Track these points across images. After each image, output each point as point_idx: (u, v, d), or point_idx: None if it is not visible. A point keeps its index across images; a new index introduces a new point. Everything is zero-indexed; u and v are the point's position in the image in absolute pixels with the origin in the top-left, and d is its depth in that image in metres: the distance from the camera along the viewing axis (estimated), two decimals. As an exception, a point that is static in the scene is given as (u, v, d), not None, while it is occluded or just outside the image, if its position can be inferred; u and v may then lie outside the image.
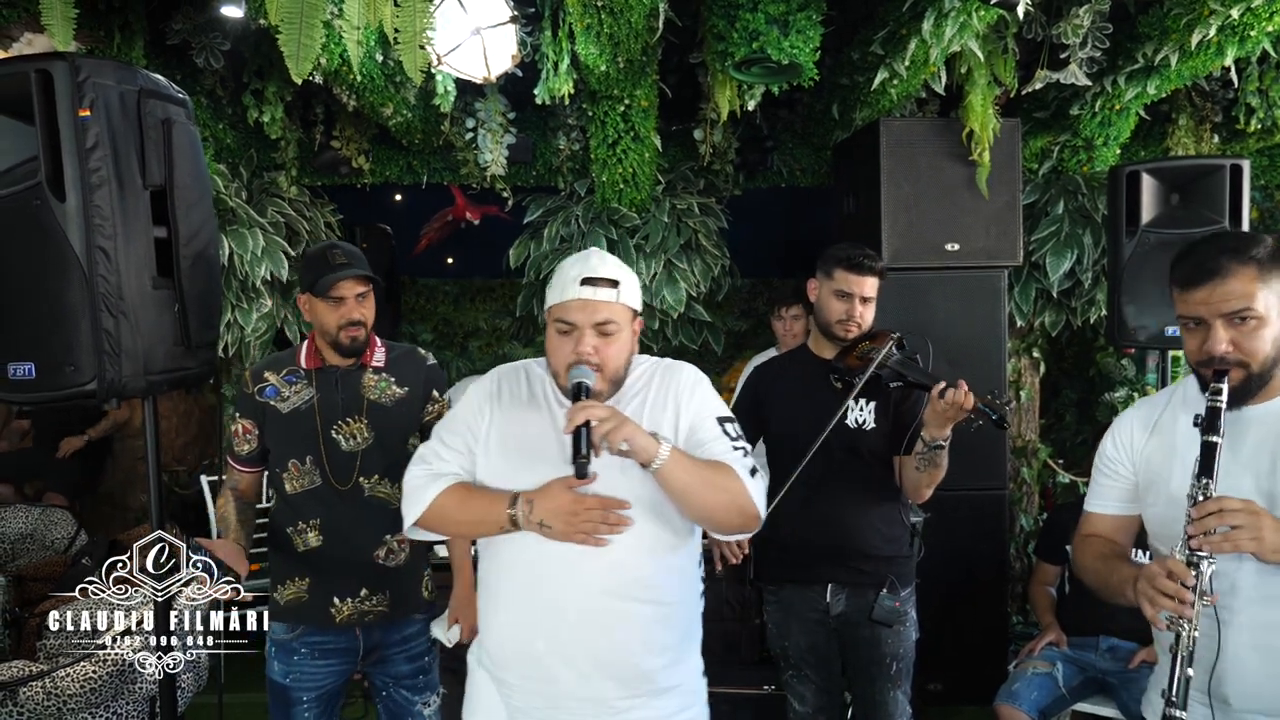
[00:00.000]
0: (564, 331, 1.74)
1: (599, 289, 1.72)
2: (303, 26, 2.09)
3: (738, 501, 1.72)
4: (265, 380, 2.38)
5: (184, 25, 3.58)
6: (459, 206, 5.30)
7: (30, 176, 2.01)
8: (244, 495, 2.42)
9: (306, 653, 2.33)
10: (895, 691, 2.60)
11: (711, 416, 1.81)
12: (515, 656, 1.78)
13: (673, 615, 1.80)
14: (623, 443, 1.60)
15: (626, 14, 2.83)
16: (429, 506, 1.76)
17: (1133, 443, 1.82)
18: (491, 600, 1.82)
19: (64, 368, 2.04)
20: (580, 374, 1.69)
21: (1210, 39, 3.13)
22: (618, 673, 1.73)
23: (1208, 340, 1.61)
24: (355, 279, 2.30)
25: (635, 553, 1.73)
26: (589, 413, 1.59)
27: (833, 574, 2.60)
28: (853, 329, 2.59)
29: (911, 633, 2.63)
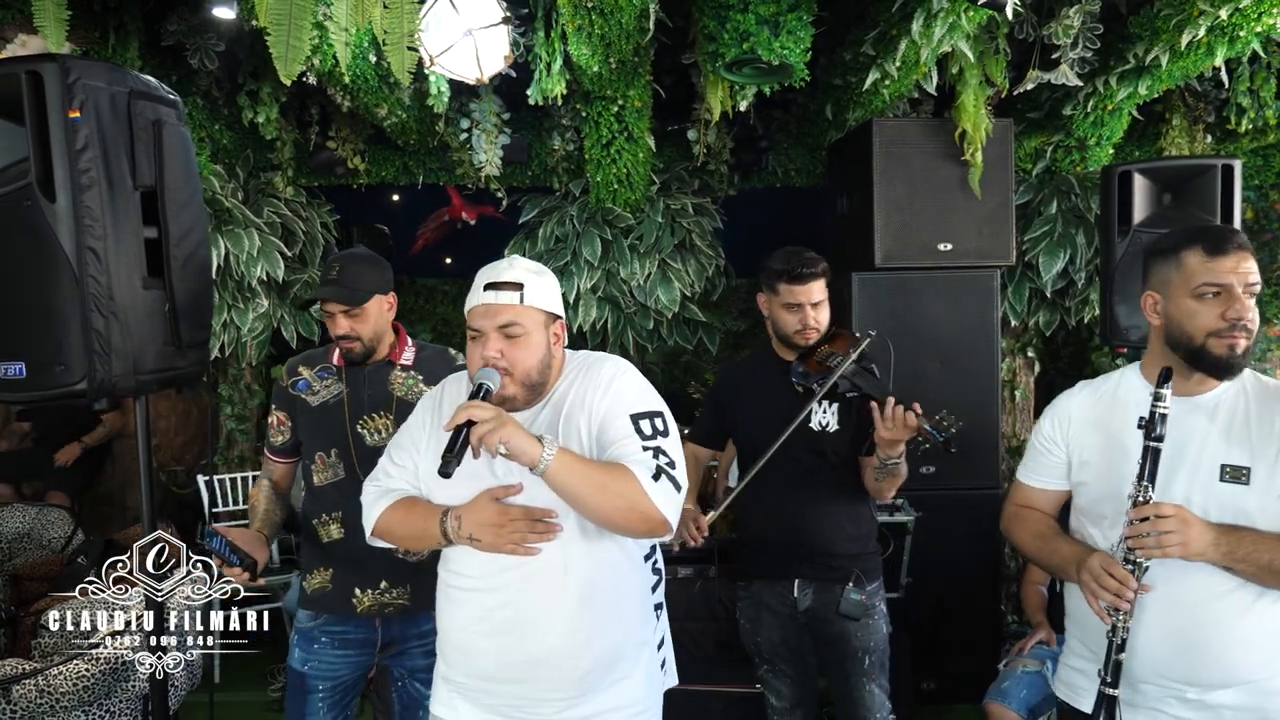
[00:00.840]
0: (473, 337, 1.76)
1: (501, 292, 1.73)
2: (291, 28, 2.12)
3: (636, 506, 1.65)
4: (299, 374, 2.43)
5: (179, 26, 3.59)
6: (455, 207, 5.32)
7: (21, 177, 2.02)
8: (278, 485, 2.48)
9: (327, 641, 2.37)
10: (870, 685, 2.62)
11: (623, 414, 1.75)
12: (462, 660, 1.83)
13: (613, 616, 1.80)
14: (500, 445, 1.58)
15: (617, 15, 2.84)
16: (376, 521, 1.85)
17: (1070, 425, 1.95)
18: (443, 608, 1.88)
19: (54, 367, 2.05)
20: (484, 375, 1.70)
21: (1200, 39, 3.14)
22: (561, 676, 1.76)
23: (1230, 308, 1.71)
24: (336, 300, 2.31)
25: (570, 564, 1.75)
26: (470, 413, 1.58)
27: (800, 570, 2.63)
28: (810, 335, 2.60)
29: (882, 625, 2.65)
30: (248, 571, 2.14)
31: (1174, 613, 1.75)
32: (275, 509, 2.43)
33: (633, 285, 4.51)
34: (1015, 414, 4.63)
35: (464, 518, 1.73)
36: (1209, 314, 1.73)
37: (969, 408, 3.92)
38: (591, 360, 1.87)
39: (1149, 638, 1.75)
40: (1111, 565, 1.72)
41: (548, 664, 1.75)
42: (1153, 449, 1.71)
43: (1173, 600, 1.75)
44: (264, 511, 2.40)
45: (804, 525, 2.61)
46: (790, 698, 2.76)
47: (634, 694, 1.84)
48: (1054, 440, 1.97)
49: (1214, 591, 1.73)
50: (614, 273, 4.49)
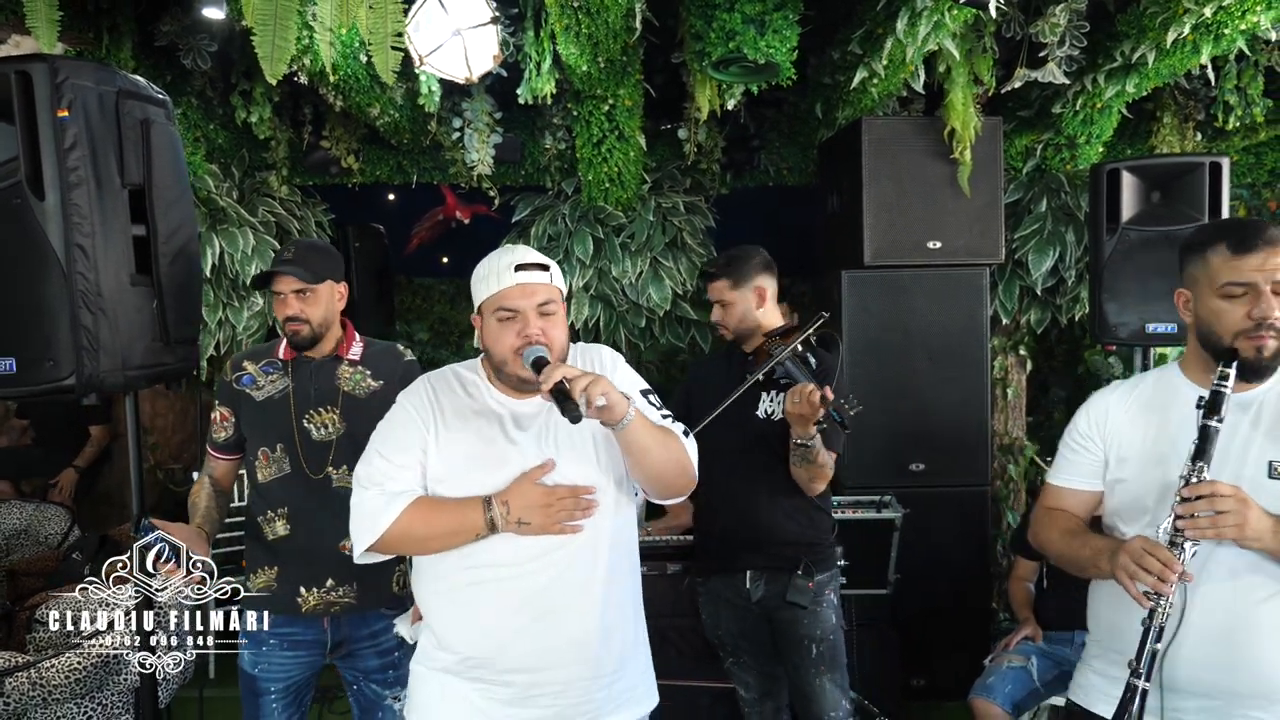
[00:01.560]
0: (506, 319, 1.75)
1: (534, 272, 1.76)
2: (277, 28, 2.14)
3: (683, 463, 1.81)
4: (244, 369, 2.44)
5: (172, 27, 3.62)
6: (449, 205, 5.36)
7: (10, 175, 2.04)
8: (219, 483, 2.47)
9: (276, 643, 2.36)
10: (821, 679, 2.64)
11: (636, 390, 1.85)
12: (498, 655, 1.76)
13: (631, 588, 1.89)
14: (600, 396, 1.61)
15: (603, 14, 2.86)
16: (391, 525, 1.73)
17: (1108, 421, 1.88)
18: (464, 605, 1.78)
19: (43, 363, 2.07)
20: (535, 350, 1.71)
21: (1185, 37, 3.16)
22: (601, 654, 1.79)
23: (1257, 306, 1.66)
24: (289, 276, 2.32)
25: (617, 526, 1.82)
26: (564, 370, 1.62)
27: (751, 561, 2.69)
28: (722, 332, 2.79)
29: (831, 616, 2.67)
30: (183, 568, 2.12)
31: (1215, 616, 1.68)
32: (216, 506, 2.41)
33: (625, 283, 4.54)
34: (1006, 412, 4.65)
35: (511, 502, 1.71)
36: (1236, 313, 1.69)
37: (959, 406, 3.96)
38: (588, 348, 1.93)
39: (1189, 643, 1.68)
40: (1155, 547, 1.62)
41: (588, 646, 1.77)
42: (1209, 428, 1.65)
43: (1214, 603, 1.68)
44: (205, 509, 2.38)
45: (751, 515, 2.66)
46: (758, 688, 2.81)
47: (646, 663, 1.92)
48: (1089, 437, 1.91)
49: (1256, 596, 1.68)
50: (606, 271, 4.51)
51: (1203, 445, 1.65)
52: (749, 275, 2.71)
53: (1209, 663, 1.69)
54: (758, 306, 2.71)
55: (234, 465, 2.49)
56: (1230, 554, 1.68)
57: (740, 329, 2.73)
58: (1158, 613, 1.62)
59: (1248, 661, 1.67)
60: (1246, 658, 1.67)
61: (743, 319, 2.72)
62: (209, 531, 2.30)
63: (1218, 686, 1.70)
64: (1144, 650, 1.62)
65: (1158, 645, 1.63)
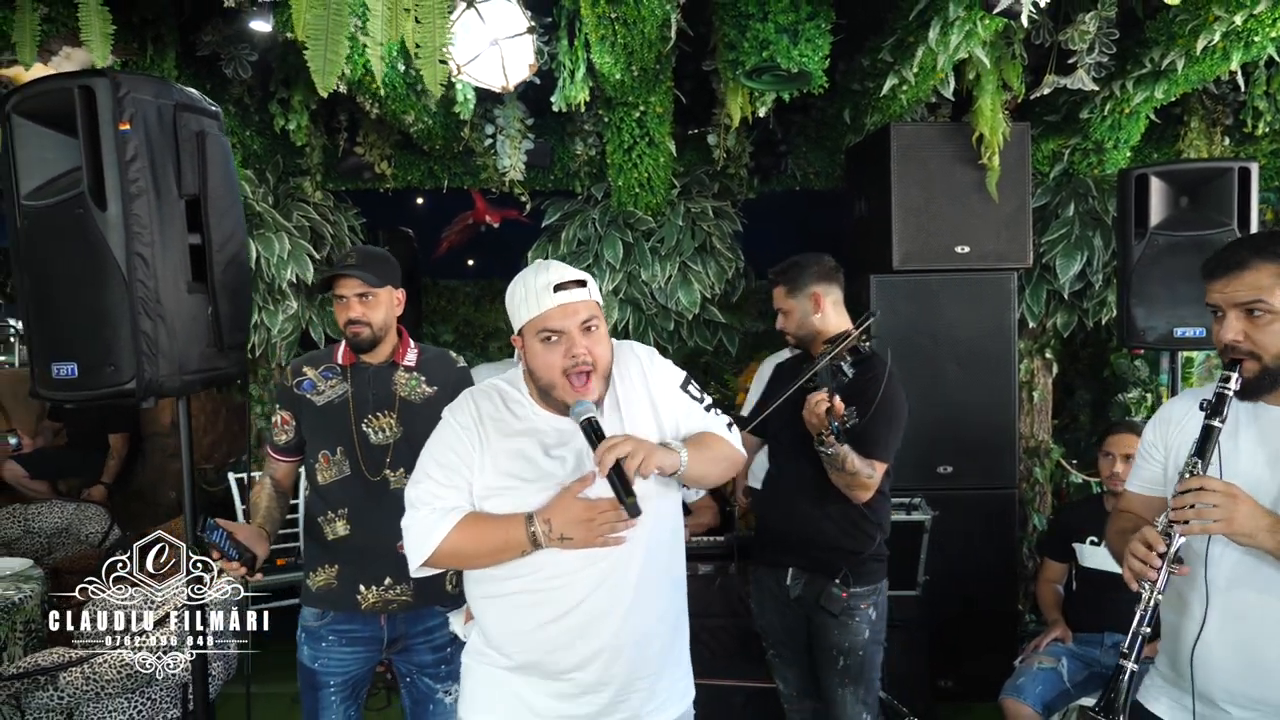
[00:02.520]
0: (549, 340, 1.75)
1: (574, 291, 1.75)
2: (328, 43, 2.20)
3: (734, 457, 1.95)
4: (304, 374, 2.49)
5: (213, 37, 3.70)
6: (479, 210, 5.42)
7: (73, 187, 2.12)
8: (279, 484, 2.53)
9: (334, 639, 2.43)
10: (844, 690, 2.67)
11: (677, 388, 1.92)
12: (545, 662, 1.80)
13: (674, 588, 1.93)
14: (654, 469, 1.68)
15: (640, 25, 2.91)
16: (442, 542, 1.76)
17: (1170, 427, 1.90)
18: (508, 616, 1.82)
19: (104, 367, 2.14)
20: (583, 409, 1.71)
21: (1215, 44, 3.17)
22: (642, 656, 1.82)
23: (1219, 329, 1.72)
24: (354, 279, 2.38)
25: (656, 533, 1.84)
26: (616, 451, 1.64)
27: (792, 559, 2.75)
28: (787, 338, 2.88)
29: (864, 629, 2.66)
30: (246, 566, 2.17)
31: (1238, 624, 1.70)
32: (276, 506, 2.47)
33: (654, 287, 4.59)
34: (1033, 415, 4.67)
35: (553, 519, 1.72)
36: (1215, 333, 1.75)
37: (986, 409, 3.99)
38: (621, 347, 1.93)
39: (1216, 650, 1.71)
40: (1148, 534, 1.68)
41: (631, 649, 1.80)
42: (1210, 428, 1.68)
43: (1237, 608, 1.70)
44: (265, 509, 2.44)
45: (797, 515, 2.73)
46: (795, 686, 2.86)
47: (685, 662, 1.97)
48: (1155, 445, 1.93)
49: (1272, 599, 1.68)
50: (635, 275, 4.56)
51: (1203, 444, 1.69)
52: (805, 282, 2.76)
53: (1238, 672, 1.72)
54: (814, 312, 2.74)
55: (294, 467, 2.56)
56: (1256, 562, 1.69)
57: (800, 334, 2.79)
58: (1144, 596, 1.67)
59: (1272, 665, 1.69)
60: (1270, 661, 1.69)
61: (800, 325, 2.77)
62: (269, 531, 2.36)
63: (1249, 696, 1.72)
64: (1132, 631, 1.69)
65: (1145, 629, 1.68)
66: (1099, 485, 3.51)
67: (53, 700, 2.84)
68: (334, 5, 2.17)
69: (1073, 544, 3.38)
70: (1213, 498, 1.62)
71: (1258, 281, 1.66)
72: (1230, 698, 1.73)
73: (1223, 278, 1.70)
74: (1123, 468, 3.15)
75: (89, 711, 2.89)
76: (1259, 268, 1.67)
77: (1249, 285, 1.67)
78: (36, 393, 2.27)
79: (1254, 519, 1.62)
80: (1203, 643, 1.72)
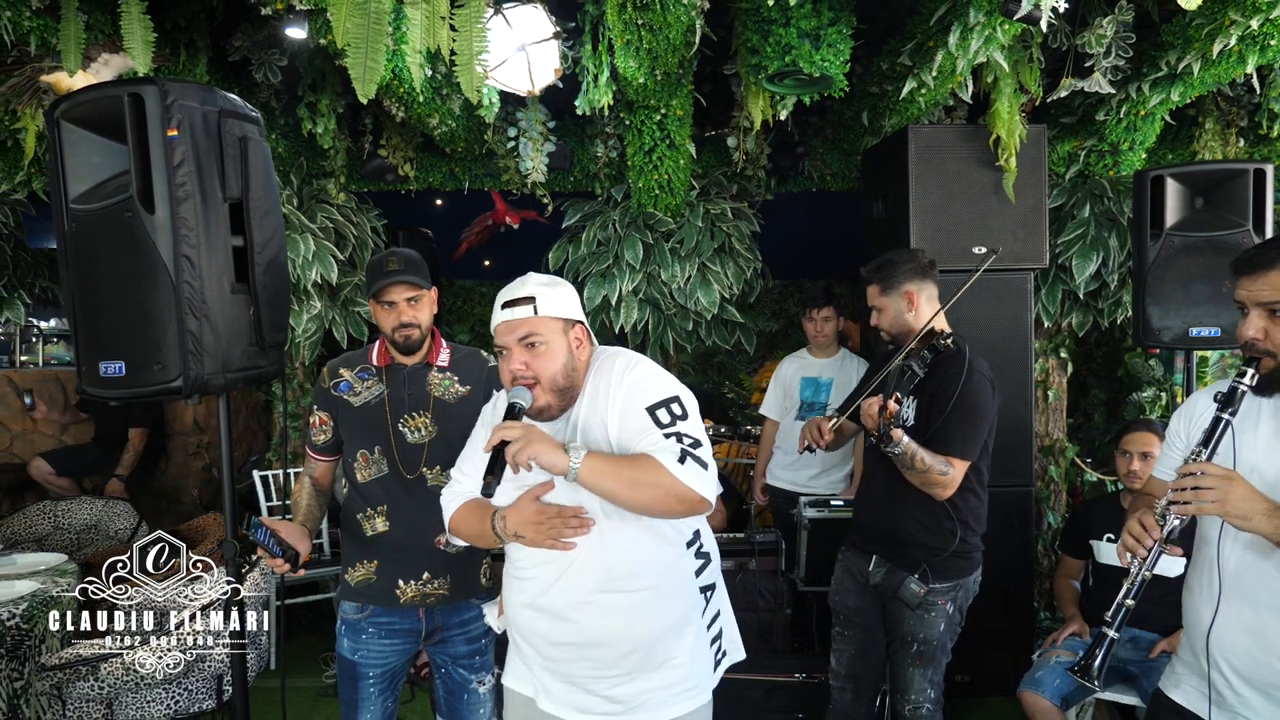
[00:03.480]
0: (500, 355, 1.91)
1: (517, 308, 1.86)
2: (369, 50, 2.27)
3: (671, 491, 1.74)
4: (340, 376, 2.55)
5: (244, 43, 3.77)
6: (499, 211, 5.48)
7: (122, 190, 2.18)
8: (318, 482, 2.59)
9: (374, 631, 2.49)
10: (914, 669, 2.76)
11: (639, 407, 1.84)
12: (522, 640, 2.00)
13: (654, 601, 1.89)
14: (530, 460, 1.72)
15: (665, 31, 2.97)
16: (449, 522, 2.07)
17: (1193, 419, 1.96)
18: (505, 591, 2.05)
19: (152, 366, 2.21)
20: (515, 395, 1.84)
21: (1231, 48, 3.22)
22: (604, 657, 1.90)
23: (1241, 326, 1.76)
24: (404, 284, 2.45)
25: (616, 548, 1.86)
26: (502, 434, 1.73)
27: (876, 548, 2.83)
28: (883, 335, 2.90)
29: (939, 623, 2.73)
30: (289, 563, 2.25)
31: (1247, 610, 1.76)
32: (316, 505, 2.54)
33: (673, 287, 4.65)
34: (1048, 413, 4.71)
35: (508, 518, 1.89)
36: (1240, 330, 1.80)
37: (1002, 408, 3.96)
38: (603, 358, 1.96)
39: (1229, 635, 1.77)
40: (1145, 515, 1.76)
41: (591, 647, 1.89)
42: (1220, 419, 1.74)
43: (1245, 594, 1.76)
44: (306, 507, 2.51)
45: (881, 509, 2.80)
46: (847, 665, 2.94)
47: (680, 673, 1.94)
48: (1178, 434, 2.00)
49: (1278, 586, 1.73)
50: (655, 275, 4.62)
51: (1210, 433, 1.75)
52: (898, 280, 2.80)
53: (1251, 656, 1.77)
54: (908, 310, 2.80)
55: (332, 466, 2.62)
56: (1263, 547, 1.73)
57: (894, 331, 2.83)
58: (1132, 570, 1.76)
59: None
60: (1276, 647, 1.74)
61: (894, 322, 2.82)
62: (310, 529, 2.42)
63: (1263, 680, 1.77)
64: (1117, 604, 1.78)
65: (1130, 601, 1.77)
66: (1113, 484, 3.56)
67: (93, 690, 2.91)
68: (374, 14, 2.24)
69: (1090, 540, 3.42)
70: (1209, 481, 1.68)
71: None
72: (1245, 682, 1.78)
73: (1249, 275, 1.75)
74: (1140, 465, 3.20)
75: (128, 701, 2.96)
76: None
77: (1273, 285, 1.71)
78: (83, 390, 2.34)
79: (1249, 502, 1.66)
80: (1217, 627, 1.79)
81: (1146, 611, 3.10)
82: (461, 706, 2.57)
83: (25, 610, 3.03)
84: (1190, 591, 1.91)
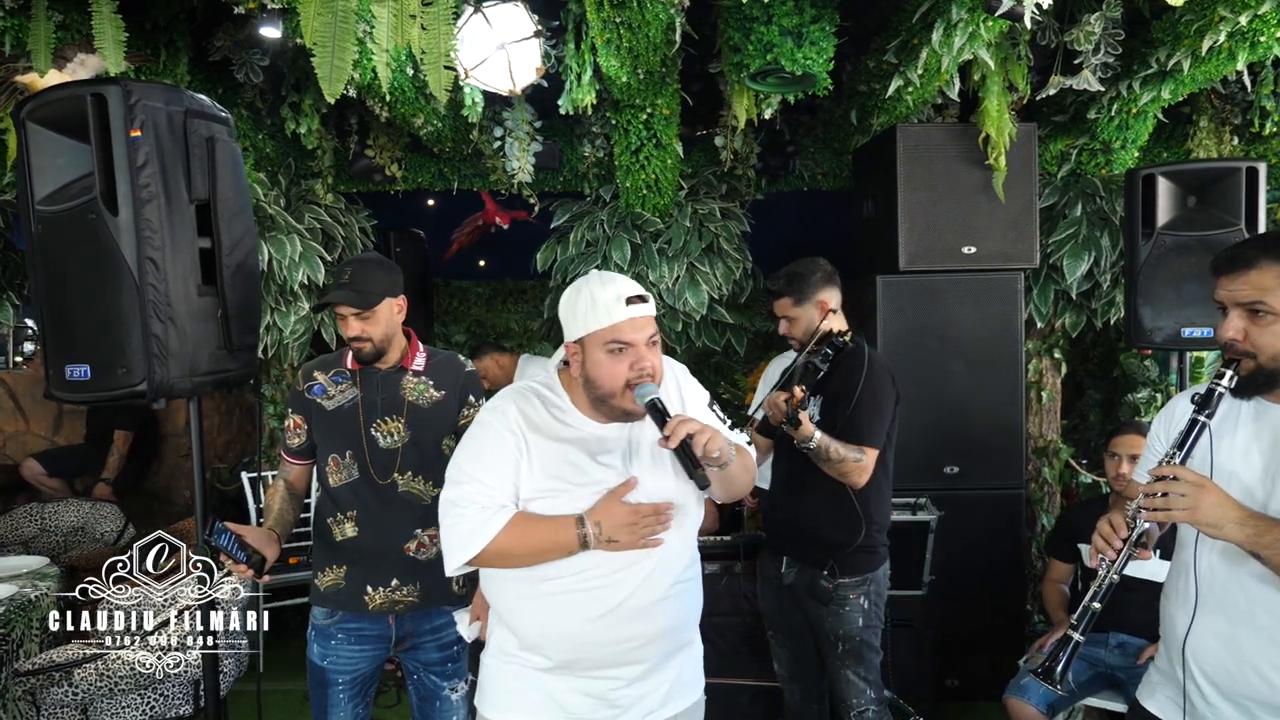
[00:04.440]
0: (616, 350, 1.79)
1: (643, 305, 1.81)
2: (335, 49, 2.24)
3: (754, 474, 2.04)
4: (314, 379, 2.51)
5: (225, 43, 3.75)
6: (489, 211, 5.46)
7: (86, 192, 2.17)
8: (292, 486, 2.56)
9: (343, 637, 2.46)
10: (845, 670, 2.80)
11: (703, 405, 1.98)
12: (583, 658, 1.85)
13: (698, 582, 2.00)
14: (717, 450, 1.76)
15: (644, 29, 2.93)
16: (492, 540, 1.77)
17: (1173, 421, 1.91)
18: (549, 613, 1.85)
19: (116, 369, 2.20)
20: (648, 390, 1.78)
21: (1221, 45, 3.17)
22: (668, 648, 1.92)
23: (1222, 326, 1.72)
24: (346, 301, 2.37)
25: (685, 538, 1.93)
26: (688, 427, 1.72)
27: (786, 548, 2.91)
28: (791, 343, 2.95)
29: (856, 619, 2.77)
30: (253, 568, 2.20)
31: (1223, 618, 1.73)
32: (289, 508, 2.50)
33: (662, 288, 4.61)
34: (1041, 415, 4.66)
35: (602, 521, 1.78)
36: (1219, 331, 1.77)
37: (993, 409, 3.99)
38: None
39: (1204, 644, 1.74)
40: (1114, 515, 1.75)
41: (661, 641, 1.90)
42: (1196, 421, 1.69)
43: (1219, 602, 1.73)
44: (278, 510, 2.47)
45: (790, 509, 2.87)
46: (788, 667, 3.03)
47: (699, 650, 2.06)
48: (1158, 436, 1.97)
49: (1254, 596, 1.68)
50: (643, 276, 4.59)
51: (1185, 435, 1.71)
52: (811, 291, 2.83)
53: (1224, 666, 1.73)
54: (821, 319, 2.83)
55: (307, 469, 2.58)
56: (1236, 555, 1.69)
57: (806, 339, 2.86)
58: (1099, 573, 1.73)
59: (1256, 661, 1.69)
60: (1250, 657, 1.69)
61: (806, 331, 2.85)
62: (280, 533, 2.39)
63: (1236, 690, 1.73)
64: (1083, 607, 1.75)
65: (1096, 604, 1.73)
66: (1109, 485, 3.52)
67: (67, 696, 2.89)
68: (341, 12, 2.21)
69: (1078, 544, 3.38)
70: (1181, 487, 1.63)
71: (1262, 282, 1.66)
72: (1219, 693, 1.75)
73: (1229, 275, 1.70)
74: (1128, 468, 3.16)
75: (103, 707, 2.94)
76: (1265, 268, 1.65)
77: (1253, 285, 1.66)
78: (50, 394, 2.32)
79: (1220, 510, 1.62)
80: (1193, 636, 1.76)
81: (1135, 617, 3.07)
82: (434, 713, 2.55)
83: (2, 615, 3.01)
84: (1167, 597, 1.87)
